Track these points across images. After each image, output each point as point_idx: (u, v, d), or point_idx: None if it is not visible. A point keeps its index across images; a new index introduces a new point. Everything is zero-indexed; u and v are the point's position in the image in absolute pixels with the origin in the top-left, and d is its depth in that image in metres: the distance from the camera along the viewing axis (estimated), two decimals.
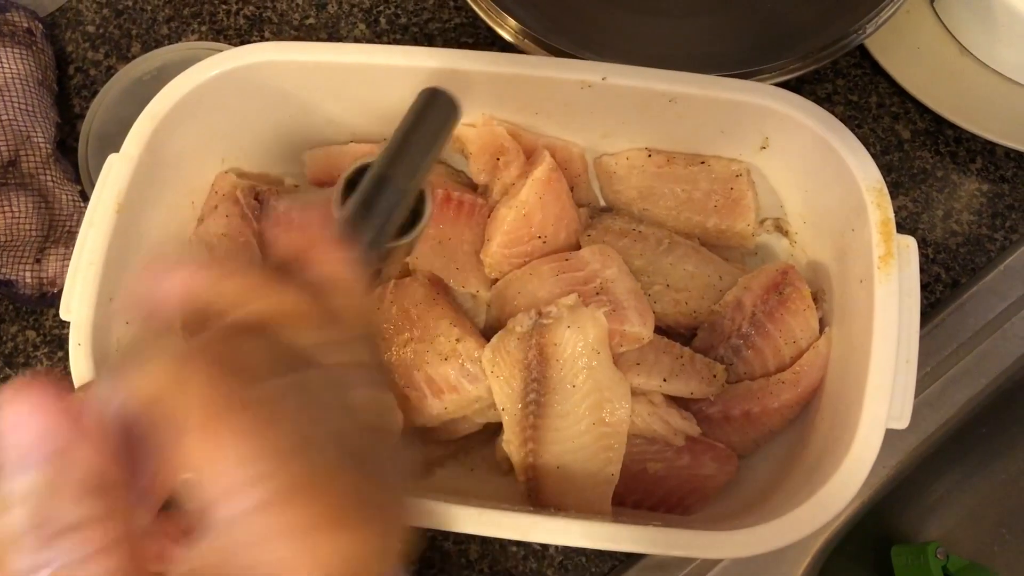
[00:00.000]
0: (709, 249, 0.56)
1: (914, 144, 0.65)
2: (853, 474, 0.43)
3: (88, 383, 0.26)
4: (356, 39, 0.71)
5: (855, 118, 0.66)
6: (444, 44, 0.70)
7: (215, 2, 0.72)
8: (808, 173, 0.53)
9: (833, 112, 0.51)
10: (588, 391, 0.48)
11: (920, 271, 0.53)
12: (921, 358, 0.58)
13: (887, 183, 0.48)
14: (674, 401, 0.52)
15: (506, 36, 0.60)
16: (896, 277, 0.46)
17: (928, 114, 0.65)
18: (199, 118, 0.53)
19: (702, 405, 0.52)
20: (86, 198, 0.63)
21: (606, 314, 0.49)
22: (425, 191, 0.37)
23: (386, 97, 0.55)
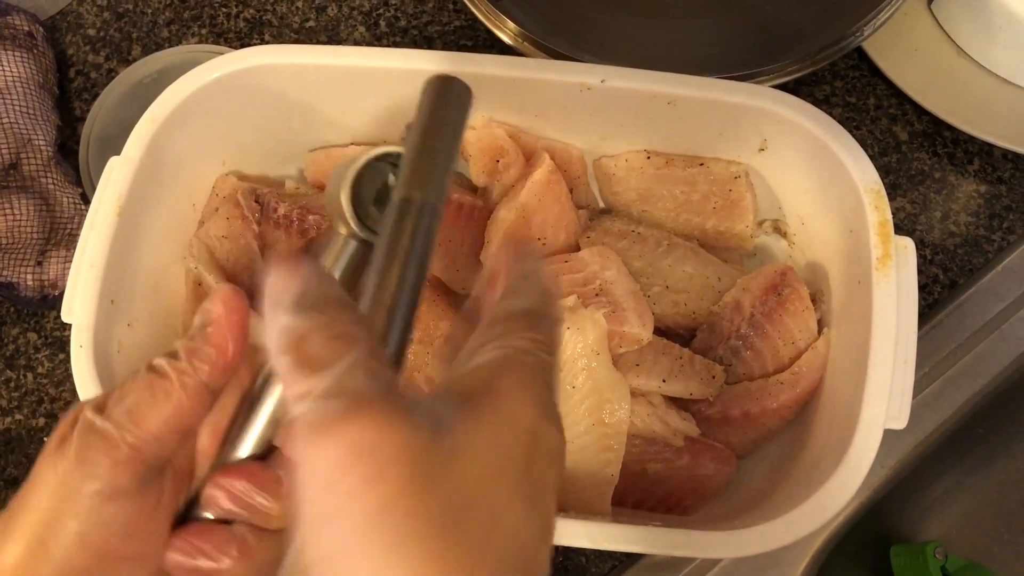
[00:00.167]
0: (708, 250, 0.56)
1: (912, 146, 0.66)
2: (852, 474, 0.43)
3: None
4: (356, 42, 0.71)
5: (853, 120, 0.66)
6: (443, 47, 0.70)
7: (215, 5, 0.73)
8: (806, 175, 0.53)
9: (831, 114, 0.51)
10: (588, 392, 0.48)
11: (918, 272, 0.53)
12: (919, 359, 0.58)
13: (885, 184, 0.48)
14: (673, 402, 0.52)
15: (505, 39, 0.60)
16: (894, 278, 0.46)
17: (926, 116, 0.65)
18: (200, 121, 0.53)
19: (701, 406, 0.52)
20: (87, 201, 0.63)
21: (605, 315, 0.49)
22: None
23: (386, 99, 0.55)
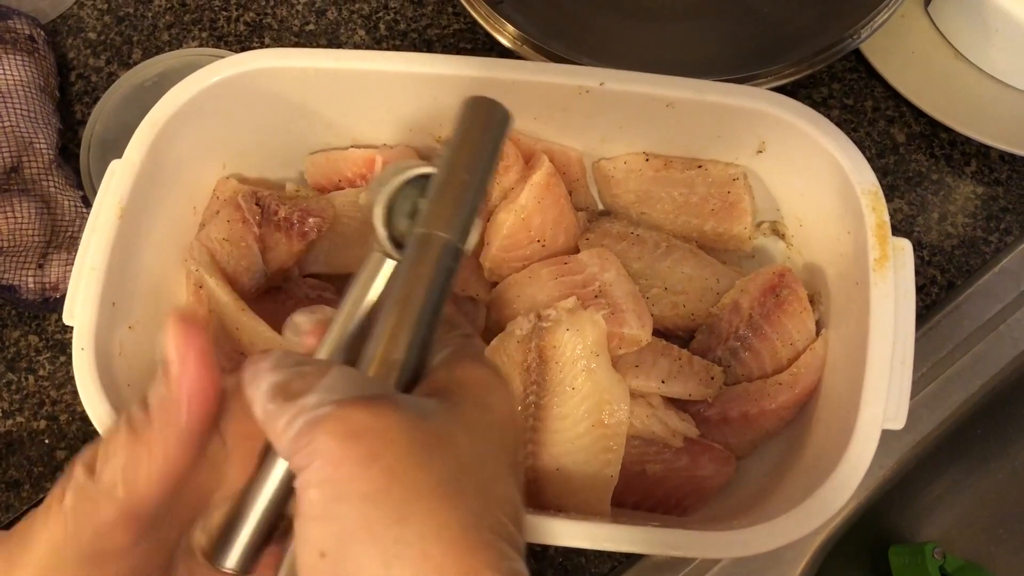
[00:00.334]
0: (706, 252, 0.57)
1: (909, 147, 0.66)
2: (850, 475, 0.43)
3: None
4: (356, 45, 0.71)
5: (851, 122, 0.67)
6: (443, 50, 0.70)
7: (215, 9, 0.73)
8: (804, 176, 0.53)
9: (829, 116, 0.51)
10: (587, 393, 0.48)
11: (916, 273, 0.53)
12: (917, 359, 0.59)
13: (883, 186, 0.49)
14: (672, 403, 0.52)
15: (504, 42, 0.61)
16: (891, 279, 0.46)
17: (923, 118, 0.66)
18: (200, 124, 0.54)
19: (700, 407, 0.52)
20: (88, 204, 0.63)
21: (605, 317, 0.50)
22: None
23: (385, 102, 0.55)
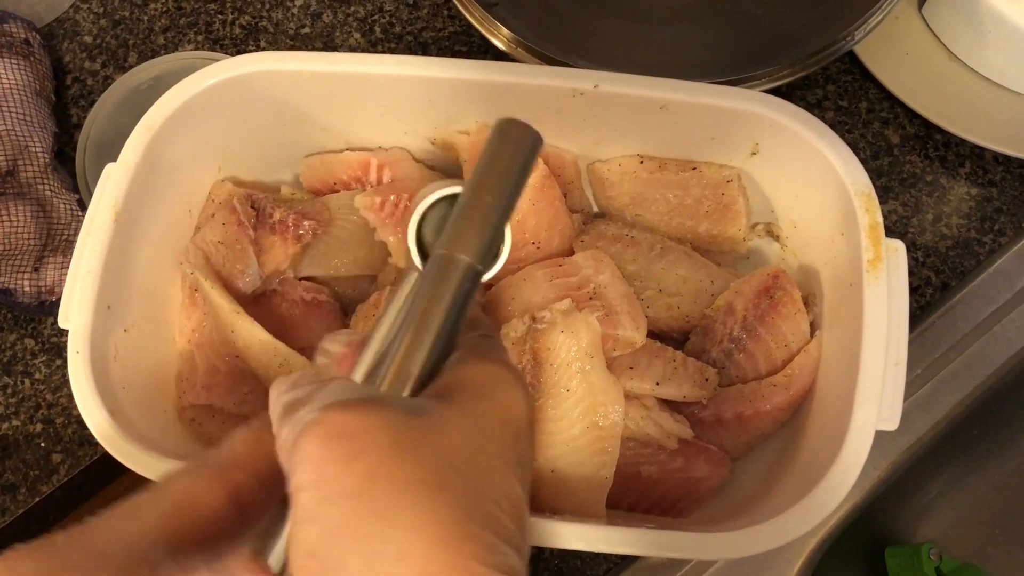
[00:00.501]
0: (701, 254, 0.57)
1: (903, 149, 0.66)
2: (844, 476, 0.43)
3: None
4: (351, 48, 0.71)
5: (845, 123, 0.67)
6: (438, 53, 0.71)
7: (211, 12, 0.73)
8: (798, 178, 0.53)
9: (823, 118, 0.51)
10: (582, 395, 0.48)
11: (910, 274, 0.54)
12: (912, 360, 0.59)
13: (877, 187, 0.49)
14: (667, 405, 0.52)
15: (499, 45, 0.61)
16: (885, 281, 0.46)
17: (917, 119, 0.66)
18: (196, 127, 0.54)
19: (695, 408, 0.52)
20: (84, 207, 0.63)
21: (599, 319, 0.50)
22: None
23: (381, 105, 0.55)
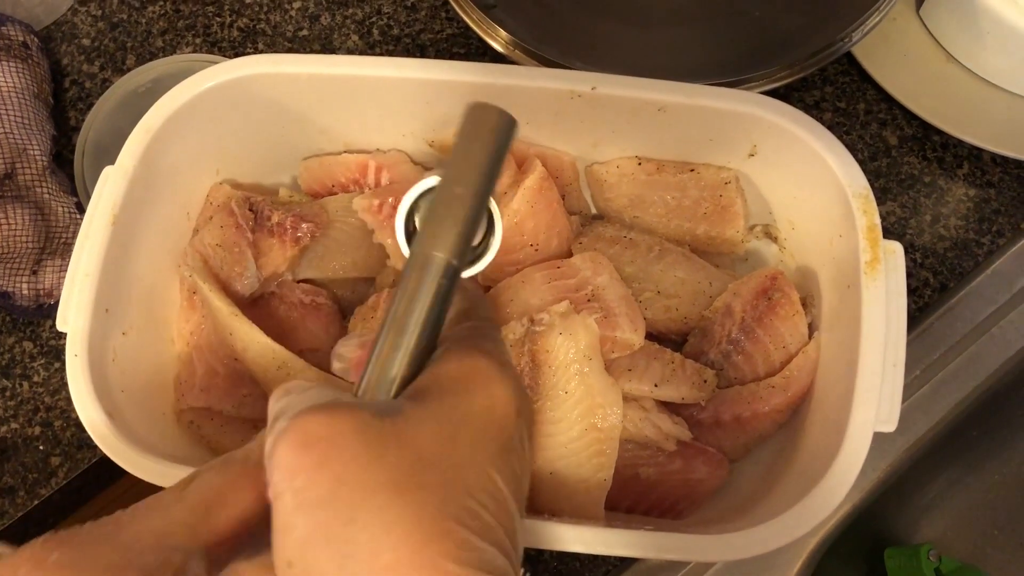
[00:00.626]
0: (699, 255, 0.57)
1: (901, 150, 0.66)
2: (842, 477, 0.43)
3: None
4: (349, 50, 0.72)
5: (843, 125, 0.67)
6: (436, 55, 0.71)
7: (209, 15, 0.73)
8: (796, 180, 0.53)
9: (821, 119, 0.51)
10: (580, 397, 0.48)
11: (908, 276, 0.54)
12: (910, 362, 0.59)
13: (875, 189, 0.49)
14: (665, 406, 0.52)
15: (497, 47, 0.61)
16: (883, 282, 0.46)
17: (915, 120, 0.66)
18: (193, 130, 0.54)
19: (693, 410, 0.52)
20: (82, 210, 0.63)
21: (597, 321, 0.50)
22: (493, 212, 0.31)
23: (379, 107, 0.55)
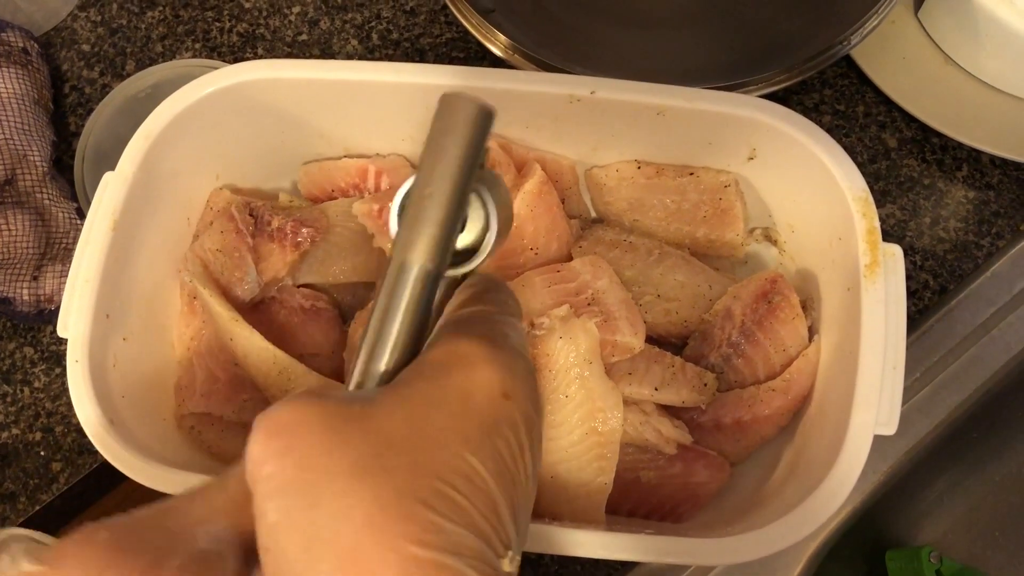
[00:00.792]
0: (699, 259, 0.57)
1: (901, 153, 0.66)
2: (842, 481, 0.43)
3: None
4: (348, 55, 0.72)
5: (842, 127, 0.67)
6: (435, 59, 0.71)
7: (208, 20, 0.73)
8: (795, 183, 0.54)
9: (820, 122, 0.51)
10: (580, 401, 0.48)
11: (908, 278, 0.54)
12: (910, 364, 0.59)
13: (875, 191, 0.49)
14: (666, 410, 0.52)
15: (496, 51, 0.61)
16: (882, 285, 0.46)
17: (914, 123, 0.66)
18: (193, 135, 0.54)
19: (693, 414, 0.52)
20: (82, 215, 0.63)
21: (597, 324, 0.50)
22: (488, 207, 0.28)
23: (378, 112, 0.56)
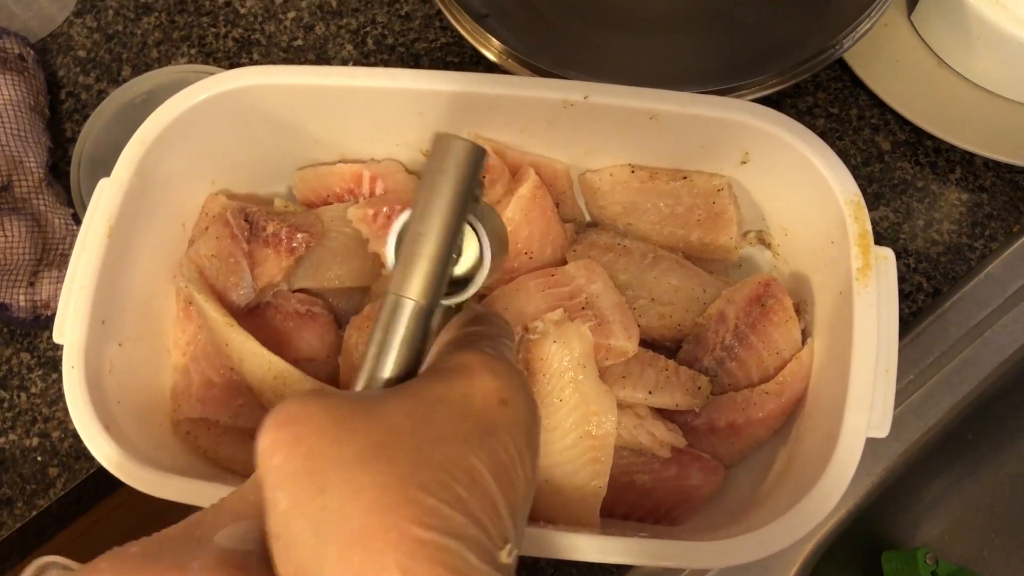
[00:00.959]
0: (693, 262, 0.57)
1: (894, 155, 0.66)
2: (835, 483, 0.43)
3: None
4: (344, 60, 0.72)
5: (836, 130, 0.67)
6: (430, 64, 0.71)
7: (204, 25, 0.73)
8: (788, 186, 0.54)
9: (814, 125, 0.51)
10: (574, 405, 0.48)
11: (902, 280, 0.54)
12: (904, 366, 0.59)
13: (868, 194, 0.49)
14: (660, 413, 0.52)
15: (490, 56, 0.61)
16: (875, 288, 0.47)
17: (908, 126, 0.66)
18: (189, 141, 0.54)
19: (687, 417, 0.52)
20: (79, 221, 0.64)
21: (591, 328, 0.50)
22: (480, 238, 0.29)
23: (373, 117, 0.56)
